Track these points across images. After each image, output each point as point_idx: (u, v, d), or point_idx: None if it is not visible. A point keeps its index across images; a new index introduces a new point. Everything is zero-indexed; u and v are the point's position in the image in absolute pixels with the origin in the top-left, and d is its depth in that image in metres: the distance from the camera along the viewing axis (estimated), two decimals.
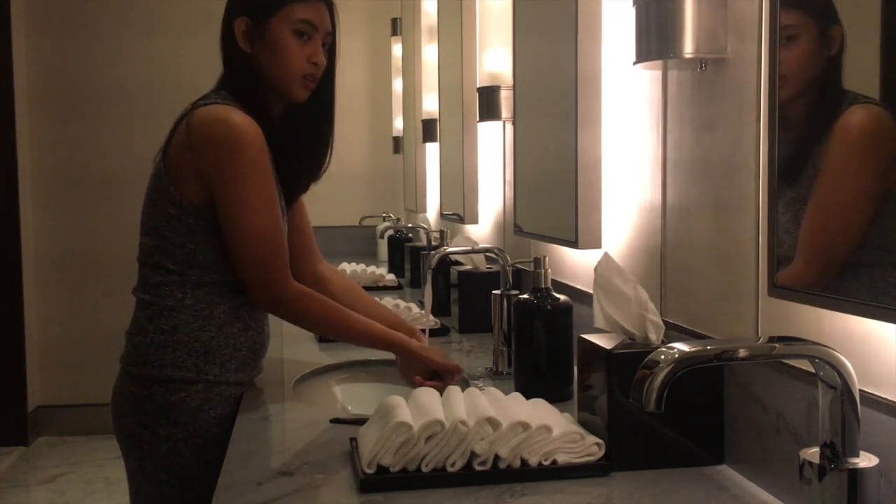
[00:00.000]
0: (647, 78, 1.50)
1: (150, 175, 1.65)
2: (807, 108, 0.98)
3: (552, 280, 1.68)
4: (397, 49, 4.71)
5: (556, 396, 1.53)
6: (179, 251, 1.60)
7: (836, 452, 0.85)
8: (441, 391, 1.37)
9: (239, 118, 1.56)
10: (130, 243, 1.67)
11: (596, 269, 1.37)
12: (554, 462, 1.23)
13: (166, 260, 1.61)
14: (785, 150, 1.00)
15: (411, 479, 1.19)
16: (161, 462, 1.59)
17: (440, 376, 1.65)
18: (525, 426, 1.22)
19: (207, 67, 1.75)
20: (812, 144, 0.96)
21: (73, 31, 4.82)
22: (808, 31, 0.97)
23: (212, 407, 1.60)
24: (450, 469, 1.20)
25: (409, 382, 1.68)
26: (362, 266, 3.47)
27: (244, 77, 1.64)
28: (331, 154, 1.77)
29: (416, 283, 3.18)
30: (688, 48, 1.24)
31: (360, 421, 1.42)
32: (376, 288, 3.29)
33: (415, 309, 2.41)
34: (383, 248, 4.21)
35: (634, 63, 1.35)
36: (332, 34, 1.70)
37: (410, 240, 3.71)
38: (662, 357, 0.82)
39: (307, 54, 1.64)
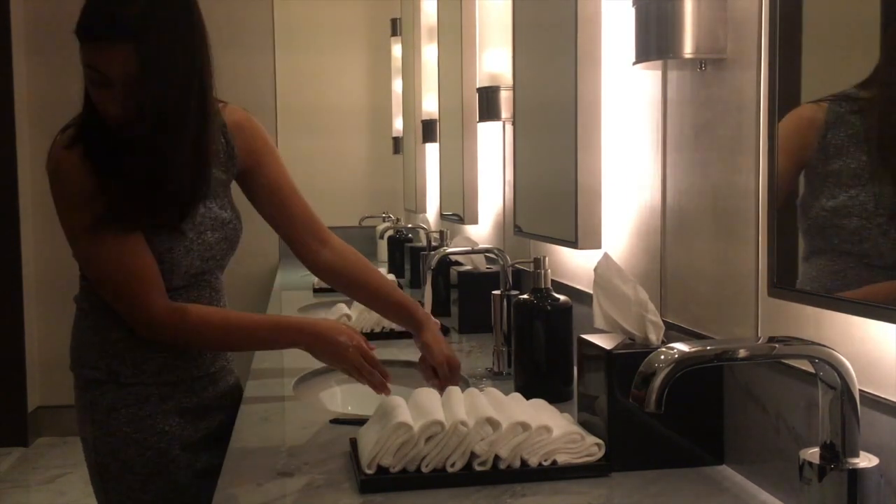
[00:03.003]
0: (647, 78, 1.50)
1: None
2: None
3: (552, 280, 1.68)
4: (397, 49, 4.71)
5: (556, 396, 1.53)
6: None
7: (836, 452, 0.85)
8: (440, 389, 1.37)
9: (57, 156, 1.48)
10: None
11: (596, 270, 1.37)
12: (554, 462, 1.23)
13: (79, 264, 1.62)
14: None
15: (411, 479, 1.19)
16: (88, 460, 1.62)
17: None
18: (525, 426, 1.22)
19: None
20: None
21: (73, 44, 4.81)
22: None
23: (124, 405, 1.57)
24: (450, 469, 1.20)
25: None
26: None
27: (86, 107, 1.50)
28: (179, 202, 1.51)
29: (416, 283, 3.18)
30: (688, 48, 1.24)
31: (360, 421, 1.42)
32: None
33: None
34: (383, 248, 4.21)
35: (634, 63, 1.35)
36: (141, 76, 1.38)
37: (410, 240, 3.71)
38: (662, 357, 0.82)
39: (103, 101, 1.42)
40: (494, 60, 2.29)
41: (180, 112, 1.43)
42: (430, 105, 3.55)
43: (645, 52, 1.31)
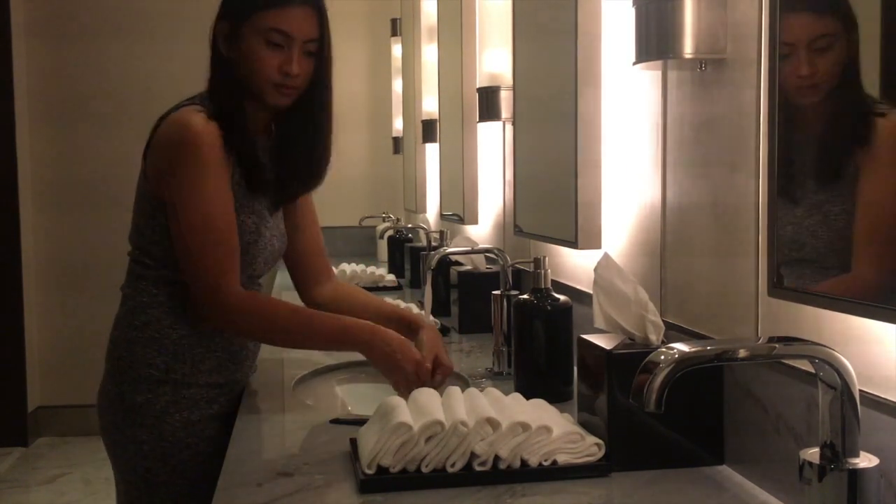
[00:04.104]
0: (647, 78, 1.50)
1: None
2: (833, 112, 0.95)
3: (552, 280, 1.68)
4: (397, 49, 4.71)
5: (556, 396, 1.53)
6: (156, 248, 1.60)
7: (836, 453, 0.85)
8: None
9: (195, 120, 1.53)
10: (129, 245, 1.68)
11: (596, 270, 1.37)
12: (554, 462, 1.23)
13: (144, 256, 1.62)
14: (807, 153, 0.99)
15: (411, 479, 1.19)
16: (129, 464, 1.59)
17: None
18: (525, 426, 1.22)
19: (206, 73, 1.73)
20: (845, 148, 0.94)
21: (73, 36, 4.82)
22: (841, 38, 0.95)
23: (178, 410, 1.58)
24: (450, 469, 1.20)
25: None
26: (362, 266, 3.47)
27: (222, 80, 1.61)
28: (328, 163, 1.73)
29: (416, 283, 3.18)
30: (687, 48, 1.24)
31: (360, 421, 1.42)
32: (376, 288, 3.29)
33: (415, 309, 2.40)
34: (383, 248, 4.21)
35: (634, 63, 1.35)
36: (320, 40, 1.61)
37: (410, 240, 3.71)
38: (662, 357, 0.82)
39: (278, 63, 1.56)
40: (494, 60, 2.29)
41: (331, 80, 1.67)
42: (430, 105, 3.55)
43: (645, 52, 1.31)
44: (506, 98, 2.23)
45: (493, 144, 2.59)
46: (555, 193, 1.80)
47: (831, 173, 0.96)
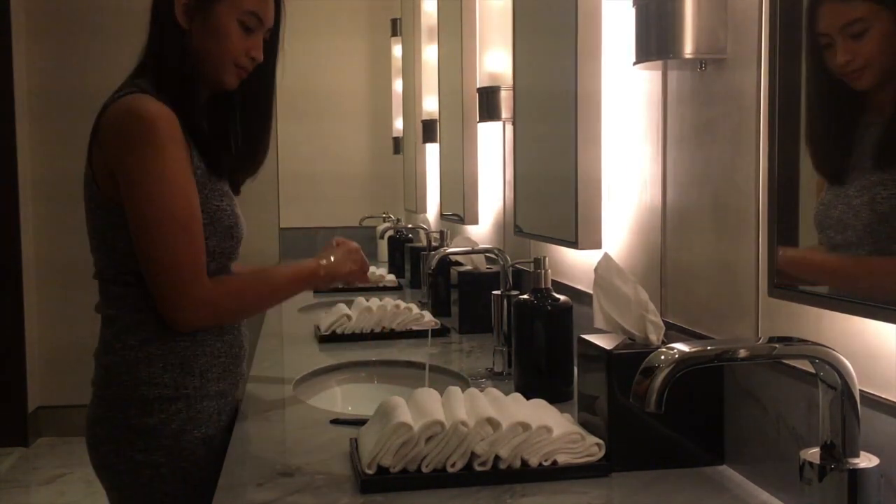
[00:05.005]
0: (647, 78, 1.50)
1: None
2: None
3: (552, 280, 1.68)
4: (397, 50, 4.71)
5: (556, 396, 1.53)
6: (132, 260, 1.47)
7: (837, 453, 0.85)
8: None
9: (149, 105, 1.44)
10: None
11: (596, 270, 1.37)
12: (554, 462, 1.23)
13: (123, 273, 1.49)
14: (874, 133, 0.94)
15: (411, 479, 1.19)
16: (143, 491, 1.49)
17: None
18: (525, 426, 1.22)
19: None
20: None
21: (73, 36, 4.82)
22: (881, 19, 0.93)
23: (195, 427, 1.49)
24: (450, 470, 1.20)
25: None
26: None
27: (173, 53, 1.52)
28: (265, 153, 1.70)
29: (416, 283, 3.18)
30: (688, 48, 1.24)
31: (360, 421, 1.42)
32: (376, 288, 3.29)
33: (415, 309, 2.41)
34: (383, 248, 4.21)
35: (634, 63, 1.35)
36: (275, 30, 1.62)
37: (410, 240, 3.71)
38: (662, 358, 0.82)
39: (247, 46, 1.55)
40: (494, 60, 2.29)
41: (276, 71, 1.71)
42: (430, 105, 3.55)
43: (645, 52, 1.31)
44: (506, 98, 2.23)
45: (493, 144, 2.59)
46: (555, 193, 1.80)
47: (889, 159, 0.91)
